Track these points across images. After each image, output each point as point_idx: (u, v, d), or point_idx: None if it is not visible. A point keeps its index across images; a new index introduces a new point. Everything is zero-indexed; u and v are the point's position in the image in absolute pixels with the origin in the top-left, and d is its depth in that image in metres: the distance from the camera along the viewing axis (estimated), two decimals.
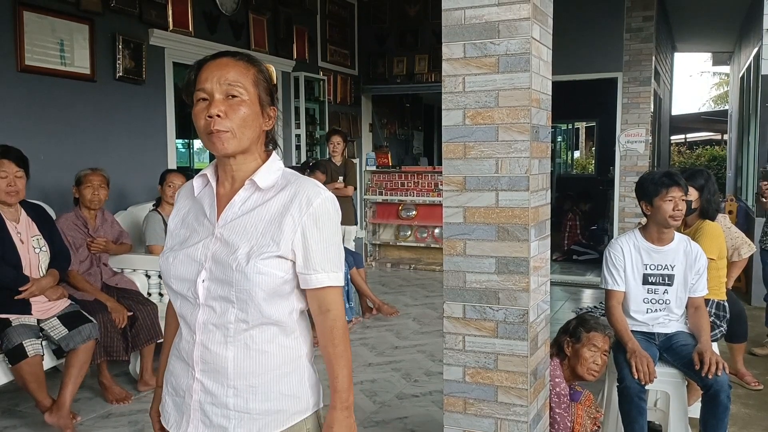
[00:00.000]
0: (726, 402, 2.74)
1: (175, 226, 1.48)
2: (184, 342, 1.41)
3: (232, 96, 1.34)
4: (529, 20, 2.07)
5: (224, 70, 1.34)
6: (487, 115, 2.15)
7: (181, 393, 1.41)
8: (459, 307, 2.23)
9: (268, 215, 1.35)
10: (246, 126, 1.35)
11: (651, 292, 3.04)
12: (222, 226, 1.37)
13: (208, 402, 1.37)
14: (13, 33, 4.05)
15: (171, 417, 1.45)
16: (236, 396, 1.35)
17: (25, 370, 3.08)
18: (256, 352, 1.35)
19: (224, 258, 1.33)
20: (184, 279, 1.38)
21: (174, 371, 1.44)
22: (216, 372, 1.36)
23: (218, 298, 1.34)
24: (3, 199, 3.24)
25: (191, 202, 1.48)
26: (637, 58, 6.96)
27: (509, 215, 2.15)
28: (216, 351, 1.35)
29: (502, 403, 2.20)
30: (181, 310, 1.41)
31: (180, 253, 1.40)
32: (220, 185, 1.43)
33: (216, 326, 1.35)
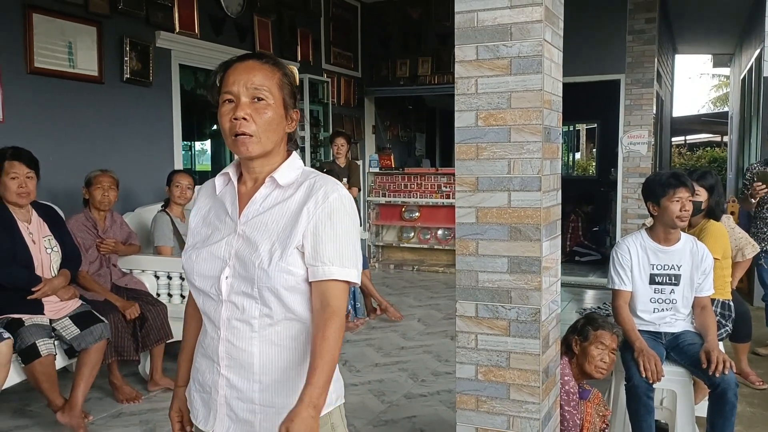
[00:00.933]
0: (733, 400, 2.77)
1: (197, 224, 1.50)
2: (209, 339, 1.43)
3: (258, 99, 1.36)
4: (541, 23, 2.10)
5: (251, 73, 1.37)
6: (499, 117, 2.18)
7: (208, 389, 1.43)
8: (472, 306, 2.26)
9: (288, 212, 1.38)
10: (270, 129, 1.38)
11: (658, 292, 3.07)
12: (244, 223, 1.39)
13: (234, 397, 1.39)
14: (23, 35, 4.09)
15: (199, 413, 1.47)
16: (262, 391, 1.38)
17: (38, 370, 3.10)
18: (280, 347, 1.38)
19: (246, 255, 1.36)
20: (208, 276, 1.40)
21: (200, 368, 1.47)
22: (241, 367, 1.38)
23: (241, 294, 1.36)
24: (14, 201, 3.27)
25: (212, 201, 1.50)
26: (640, 60, 7.00)
27: (521, 215, 2.17)
28: (241, 346, 1.37)
29: (515, 400, 2.23)
30: (204, 307, 1.43)
31: (203, 251, 1.42)
32: (242, 184, 1.46)
33: (240, 322, 1.37)
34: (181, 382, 1.60)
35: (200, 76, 5.80)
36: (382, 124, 8.94)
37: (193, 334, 1.58)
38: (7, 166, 3.25)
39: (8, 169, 3.24)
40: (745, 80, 8.63)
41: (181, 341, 1.64)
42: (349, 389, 3.82)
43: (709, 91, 27.55)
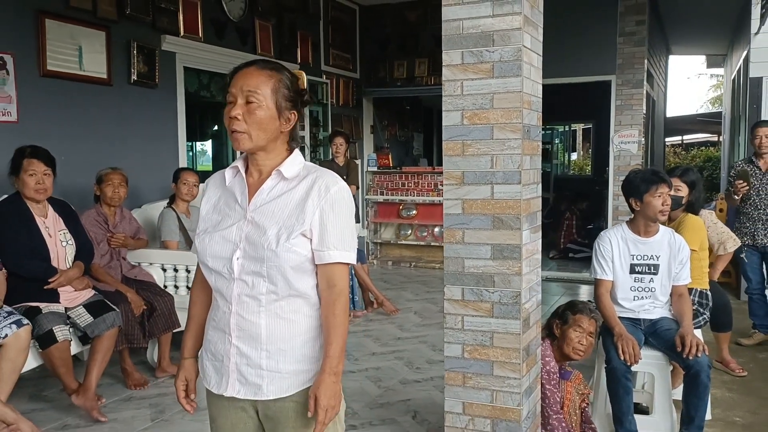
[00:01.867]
0: (706, 381, 2.96)
1: (207, 211, 1.69)
2: (221, 313, 1.62)
3: (250, 101, 1.55)
4: (520, 30, 2.30)
5: (248, 78, 1.56)
6: (483, 116, 2.38)
7: (220, 357, 1.62)
8: (458, 290, 2.46)
9: (293, 201, 1.57)
10: (260, 128, 1.56)
11: (637, 281, 3.26)
12: (253, 210, 1.58)
13: (243, 364, 1.59)
14: (36, 40, 4.28)
15: (212, 379, 1.66)
16: (268, 358, 1.57)
17: (55, 355, 3.29)
18: (284, 320, 1.58)
19: (256, 238, 1.55)
20: (220, 257, 1.59)
21: (212, 339, 1.66)
22: (250, 338, 1.58)
23: (251, 273, 1.55)
24: (32, 196, 3.46)
25: (221, 191, 1.69)
26: (630, 61, 7.19)
27: (503, 206, 2.37)
28: (250, 319, 1.57)
29: (498, 376, 2.42)
30: (216, 285, 1.62)
31: (215, 235, 1.61)
32: (249, 176, 1.64)
33: (249, 297, 1.56)
34: (186, 354, 1.77)
35: (203, 79, 5.99)
36: (380, 124, 9.13)
37: (198, 312, 1.77)
38: (25, 163, 3.44)
39: (27, 166, 3.43)
40: (735, 80, 8.82)
41: (186, 320, 1.81)
42: (348, 376, 4.01)
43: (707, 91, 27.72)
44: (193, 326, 1.77)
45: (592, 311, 2.96)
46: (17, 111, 4.17)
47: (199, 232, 1.67)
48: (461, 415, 2.49)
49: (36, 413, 3.52)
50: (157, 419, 3.45)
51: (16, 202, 3.49)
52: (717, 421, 3.53)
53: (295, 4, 6.82)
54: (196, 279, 1.79)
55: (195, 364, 1.76)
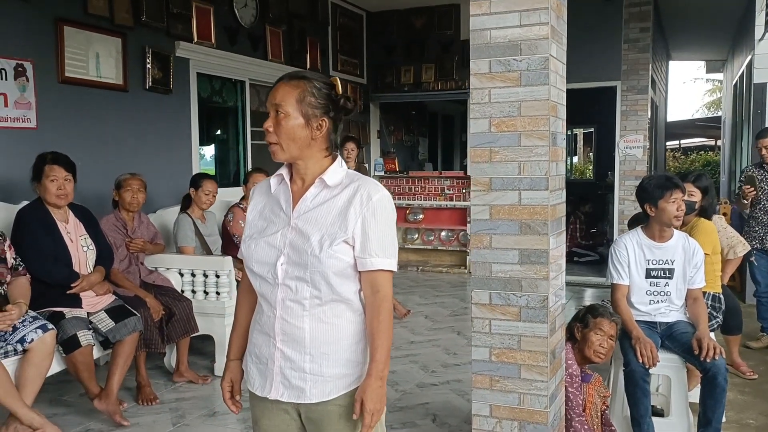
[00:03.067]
0: (723, 384, 3.01)
1: (253, 218, 1.73)
2: (265, 317, 1.66)
3: (278, 113, 1.61)
4: (547, 39, 2.36)
5: (276, 91, 1.63)
6: (510, 124, 2.43)
7: (264, 360, 1.66)
8: (486, 295, 2.50)
9: (336, 208, 1.61)
10: (290, 138, 1.61)
11: (653, 285, 3.30)
12: (297, 217, 1.63)
13: (287, 367, 1.63)
14: (55, 47, 4.33)
15: (256, 381, 1.70)
16: (312, 362, 1.61)
17: (78, 359, 3.32)
18: (327, 324, 1.61)
19: (300, 245, 1.59)
20: (265, 262, 1.63)
21: (257, 343, 1.69)
22: (294, 341, 1.62)
23: (294, 278, 1.59)
24: (54, 202, 3.50)
25: (266, 198, 1.73)
26: (635, 67, 7.28)
27: (531, 212, 2.42)
28: (294, 323, 1.61)
29: (525, 379, 2.47)
30: (261, 290, 1.66)
31: (261, 241, 1.65)
32: (293, 183, 1.69)
33: (293, 302, 1.61)
34: (232, 356, 1.82)
35: (215, 84, 6.04)
36: (386, 129, 9.19)
37: (244, 315, 1.81)
38: (47, 169, 3.48)
39: (48, 172, 3.47)
40: (737, 86, 8.91)
41: (233, 322, 1.86)
42: None
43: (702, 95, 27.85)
44: (239, 329, 1.81)
45: (613, 315, 3.01)
46: (36, 117, 4.21)
47: (245, 238, 1.71)
48: (488, 417, 2.53)
49: (57, 418, 3.54)
50: (178, 423, 3.48)
51: (38, 208, 3.52)
52: (731, 423, 3.58)
53: (304, 10, 6.88)
54: (243, 283, 1.83)
55: (240, 365, 1.80)
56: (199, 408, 3.68)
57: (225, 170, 6.70)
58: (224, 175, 6.57)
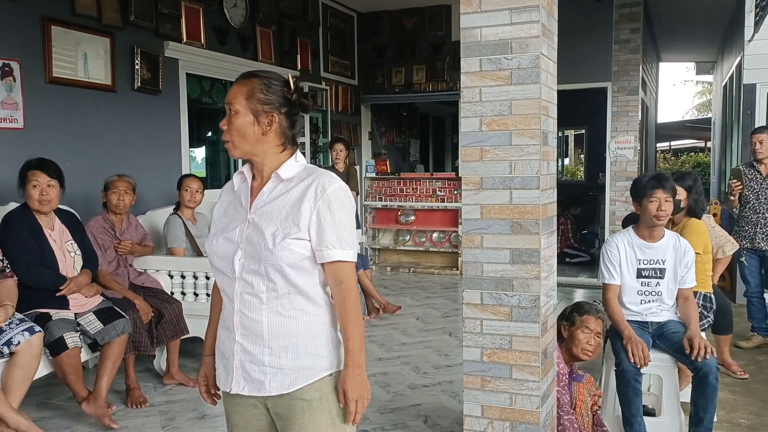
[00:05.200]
0: (714, 383, 3.01)
1: (218, 216, 1.78)
2: (226, 311, 1.69)
3: (232, 111, 1.64)
4: (538, 38, 2.34)
5: (230, 91, 1.67)
6: (501, 122, 2.41)
7: (227, 355, 1.69)
8: (477, 295, 2.49)
9: (290, 202, 1.63)
10: (241, 135, 1.64)
11: (644, 285, 3.31)
12: (253, 212, 1.65)
13: (247, 360, 1.64)
14: (42, 47, 4.28)
15: (221, 376, 1.74)
16: (271, 354, 1.62)
17: (65, 362, 3.28)
18: (286, 317, 1.63)
19: (255, 239, 1.62)
20: (224, 257, 1.66)
21: (220, 338, 1.73)
22: (253, 335, 1.63)
23: (251, 271, 1.61)
24: (36, 208, 3.46)
25: (232, 196, 1.77)
26: (625, 68, 7.30)
27: (522, 211, 2.41)
28: (252, 317, 1.63)
29: (517, 379, 2.45)
30: (221, 285, 1.70)
31: (221, 237, 1.69)
32: (254, 180, 1.72)
33: (251, 295, 1.62)
34: (206, 352, 1.85)
35: (205, 85, 6.00)
36: (377, 130, 9.17)
37: (218, 312, 1.81)
38: (30, 174, 3.43)
39: (30, 177, 3.43)
40: (726, 87, 8.95)
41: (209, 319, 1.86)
42: None
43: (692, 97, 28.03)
44: (213, 325, 1.83)
45: (599, 312, 3.00)
46: (23, 117, 4.16)
47: (210, 236, 1.75)
48: (480, 418, 2.51)
49: (45, 421, 3.50)
50: (168, 426, 3.45)
51: (24, 213, 3.49)
52: (722, 422, 3.58)
53: (295, 11, 6.86)
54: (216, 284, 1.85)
55: (213, 361, 1.82)
56: (189, 410, 3.64)
57: (215, 172, 6.67)
58: (215, 177, 6.54)
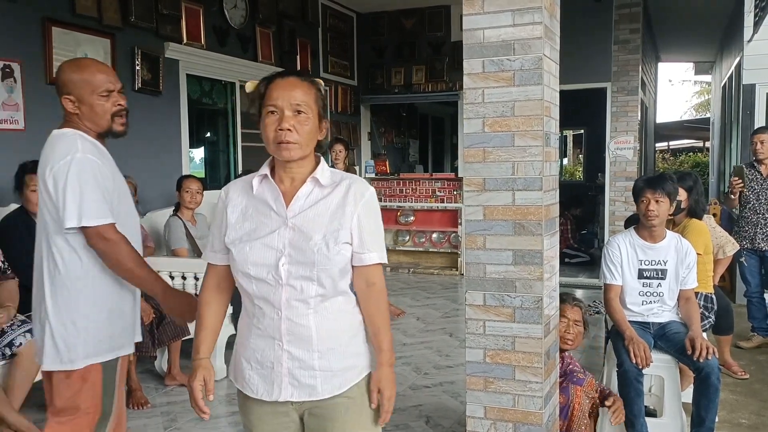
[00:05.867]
0: (716, 383, 3.01)
1: (236, 219, 1.67)
2: (267, 320, 1.62)
3: (299, 112, 1.59)
4: (541, 39, 2.35)
5: (293, 89, 1.61)
6: (504, 123, 2.41)
7: (268, 365, 1.63)
8: (480, 296, 2.49)
9: (331, 206, 1.63)
10: (310, 138, 1.62)
11: (646, 286, 3.31)
12: (292, 217, 1.61)
13: (296, 367, 1.62)
14: (43, 47, 4.28)
15: (259, 387, 1.66)
16: (320, 358, 1.62)
17: None
18: (331, 320, 1.64)
19: (302, 244, 1.59)
20: (263, 264, 1.59)
21: (257, 348, 1.65)
22: (301, 341, 1.61)
23: (300, 277, 1.59)
24: (35, 211, 3.44)
25: (247, 199, 1.68)
26: (625, 68, 7.30)
27: (524, 212, 2.41)
28: (300, 322, 1.61)
29: (519, 380, 2.45)
30: (259, 292, 1.62)
31: (256, 243, 1.61)
32: (279, 183, 1.67)
33: (299, 301, 1.60)
34: (203, 354, 1.73)
35: (205, 86, 6.00)
36: (377, 130, 9.17)
37: (213, 314, 1.75)
38: (27, 179, 3.43)
39: (29, 182, 3.43)
40: (725, 87, 8.96)
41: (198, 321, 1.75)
42: None
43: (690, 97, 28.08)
44: (208, 327, 1.75)
45: (575, 299, 3.02)
46: (24, 119, 4.16)
47: (233, 241, 1.66)
48: (483, 419, 2.51)
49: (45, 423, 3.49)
50: (170, 427, 3.45)
51: (22, 215, 3.49)
52: (723, 423, 3.58)
53: (294, 11, 6.86)
54: (209, 283, 1.77)
55: (210, 363, 1.75)
56: (190, 411, 3.60)
57: (215, 173, 6.66)
58: (214, 178, 6.53)
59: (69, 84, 2.12)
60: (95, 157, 2.07)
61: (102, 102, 2.12)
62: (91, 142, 2.13)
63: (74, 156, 2.01)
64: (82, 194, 1.99)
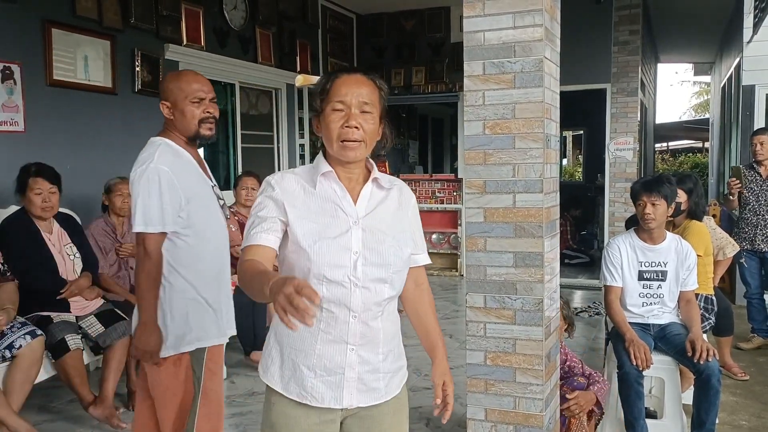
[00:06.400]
0: (717, 385, 3.01)
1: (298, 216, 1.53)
2: (340, 323, 1.54)
3: (365, 111, 1.54)
4: (541, 41, 2.35)
5: (361, 87, 1.54)
6: (504, 126, 2.42)
7: (337, 371, 1.56)
8: (480, 298, 2.49)
9: (392, 208, 1.64)
10: (373, 138, 1.59)
11: (646, 287, 3.31)
12: (363, 217, 1.57)
13: (365, 371, 1.58)
14: (43, 49, 4.28)
15: (326, 395, 1.57)
16: (384, 360, 1.62)
17: (69, 364, 3.28)
18: (390, 321, 1.64)
19: (376, 246, 1.55)
20: (340, 266, 1.51)
21: (323, 354, 1.55)
22: (370, 343, 1.59)
23: (375, 279, 1.55)
24: (39, 215, 3.46)
25: (304, 194, 1.57)
26: (625, 70, 7.31)
27: (525, 215, 2.41)
28: (372, 325, 1.58)
29: (520, 382, 2.46)
30: (333, 296, 1.52)
31: (332, 243, 1.51)
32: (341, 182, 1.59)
33: (374, 304, 1.56)
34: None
35: None
36: None
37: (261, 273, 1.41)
38: (31, 182, 3.43)
39: (32, 185, 3.43)
40: (725, 88, 8.97)
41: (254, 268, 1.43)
42: None
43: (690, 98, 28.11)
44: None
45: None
46: (24, 121, 4.16)
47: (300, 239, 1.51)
48: (483, 421, 2.51)
49: (46, 425, 3.50)
50: None
51: (22, 218, 3.49)
52: (723, 424, 3.58)
53: (294, 13, 6.86)
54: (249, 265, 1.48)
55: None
56: None
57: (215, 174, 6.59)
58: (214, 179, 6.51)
59: (167, 91, 2.33)
60: (168, 167, 2.19)
61: (192, 108, 2.28)
62: (174, 151, 2.28)
63: (148, 165, 2.18)
64: (144, 201, 2.16)
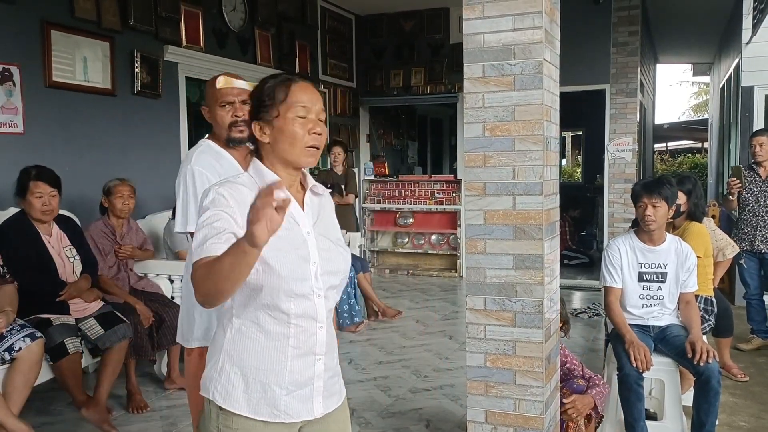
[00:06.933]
0: (717, 387, 3.01)
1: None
2: (307, 335, 1.51)
3: (320, 119, 1.55)
4: (541, 44, 2.35)
5: (315, 94, 1.56)
6: (504, 128, 2.41)
7: (306, 383, 1.53)
8: (480, 300, 2.49)
9: (326, 213, 1.66)
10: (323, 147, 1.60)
11: (646, 289, 3.31)
12: (312, 225, 1.57)
13: (328, 377, 1.59)
14: (42, 51, 4.27)
15: (298, 410, 1.53)
16: (336, 363, 1.64)
17: (66, 367, 3.27)
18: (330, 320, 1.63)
19: (327, 253, 1.55)
20: (303, 278, 1.48)
21: (294, 370, 1.51)
22: (329, 349, 1.59)
23: (330, 287, 1.55)
24: (39, 218, 3.46)
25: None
26: (624, 70, 7.31)
27: (525, 217, 2.41)
28: (330, 331, 1.60)
29: (520, 385, 2.45)
30: (296, 310, 1.48)
31: (291, 254, 1.47)
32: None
33: (328, 310, 1.56)
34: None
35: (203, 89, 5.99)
36: (376, 132, 9.17)
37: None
38: (31, 185, 3.43)
39: (33, 188, 3.42)
40: (724, 89, 8.97)
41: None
42: (357, 385, 4.03)
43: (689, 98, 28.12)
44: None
45: None
46: (23, 122, 4.15)
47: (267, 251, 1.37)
48: (483, 423, 2.51)
49: (45, 427, 3.49)
50: (169, 431, 3.44)
51: (21, 220, 3.49)
52: (722, 425, 3.58)
53: (293, 14, 6.86)
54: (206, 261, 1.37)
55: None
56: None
57: None
58: None
59: (206, 96, 2.39)
60: (204, 169, 2.23)
61: (222, 113, 2.31)
62: (214, 153, 2.32)
63: (186, 168, 2.25)
64: (182, 203, 2.23)
